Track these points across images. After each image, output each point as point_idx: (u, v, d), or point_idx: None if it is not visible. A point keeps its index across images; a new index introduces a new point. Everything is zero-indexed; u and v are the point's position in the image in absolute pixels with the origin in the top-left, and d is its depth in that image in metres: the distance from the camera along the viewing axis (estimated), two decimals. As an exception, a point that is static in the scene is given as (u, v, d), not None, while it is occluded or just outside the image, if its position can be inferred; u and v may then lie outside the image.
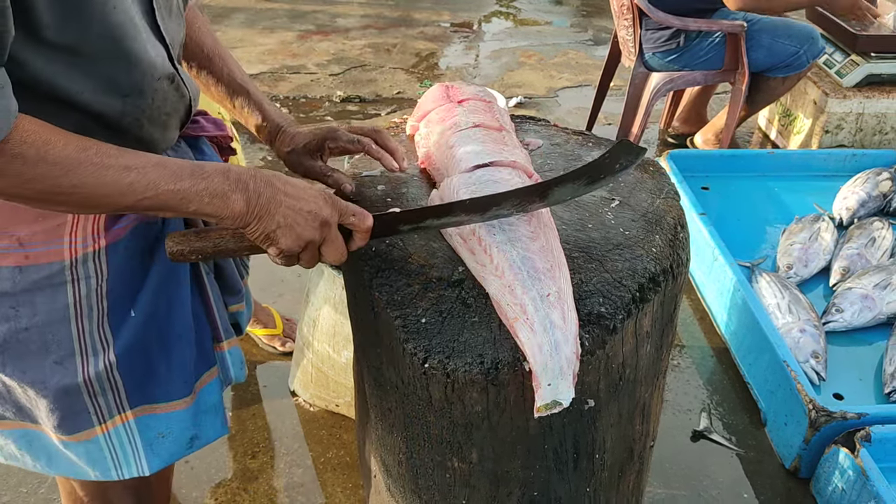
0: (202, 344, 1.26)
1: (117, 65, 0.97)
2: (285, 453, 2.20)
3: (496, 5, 6.26)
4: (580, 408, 1.13)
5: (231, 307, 1.37)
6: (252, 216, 1.01)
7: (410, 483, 1.29)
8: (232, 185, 0.99)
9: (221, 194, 0.98)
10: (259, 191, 1.01)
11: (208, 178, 0.98)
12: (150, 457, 1.25)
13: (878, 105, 3.64)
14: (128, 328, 1.14)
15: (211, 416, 1.31)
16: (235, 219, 1.01)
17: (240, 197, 0.99)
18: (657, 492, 2.10)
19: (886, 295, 2.51)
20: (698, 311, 2.82)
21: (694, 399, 2.43)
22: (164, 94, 1.07)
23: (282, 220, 1.02)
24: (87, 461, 1.22)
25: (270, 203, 1.01)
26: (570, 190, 1.17)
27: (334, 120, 4.20)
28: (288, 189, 1.04)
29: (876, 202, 3.07)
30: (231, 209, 0.99)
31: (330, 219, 1.06)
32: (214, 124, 1.31)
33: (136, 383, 1.18)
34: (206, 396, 1.29)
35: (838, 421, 2.03)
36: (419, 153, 1.45)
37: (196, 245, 1.06)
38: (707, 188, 3.27)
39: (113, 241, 1.10)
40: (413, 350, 1.08)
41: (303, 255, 1.08)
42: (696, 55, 3.34)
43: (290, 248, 1.05)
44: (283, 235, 1.03)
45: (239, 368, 1.35)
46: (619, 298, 1.12)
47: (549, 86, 4.74)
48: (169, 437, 1.25)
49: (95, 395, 1.15)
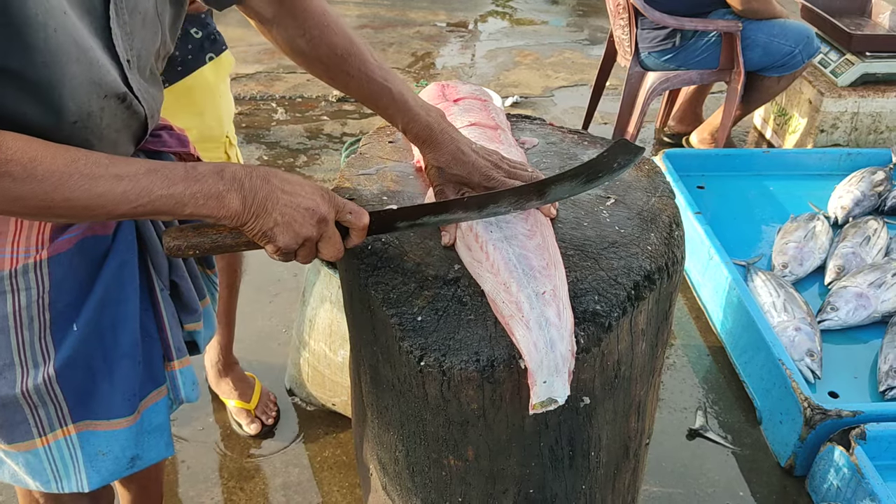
0: (151, 362, 1.22)
1: (62, 87, 0.93)
2: (282, 452, 2.20)
3: (492, 5, 6.27)
4: (575, 405, 1.14)
5: (187, 325, 1.33)
6: (249, 215, 1.00)
7: (407, 481, 1.29)
8: (227, 184, 0.98)
9: (216, 195, 0.97)
10: (255, 189, 1.00)
11: (202, 179, 0.97)
12: (91, 473, 1.21)
13: (873, 104, 3.65)
14: (69, 342, 1.11)
15: (155, 436, 1.26)
16: (232, 218, 1.00)
17: (235, 196, 0.98)
18: (653, 490, 2.10)
19: (881, 293, 2.52)
20: (694, 309, 2.82)
21: (690, 397, 2.44)
22: (113, 112, 1.03)
23: (279, 218, 1.01)
24: (27, 471, 1.20)
25: (267, 201, 1.00)
26: (567, 188, 1.18)
27: (330, 119, 4.20)
28: (285, 186, 1.03)
29: (871, 201, 3.08)
30: (227, 209, 0.98)
31: (327, 215, 1.05)
32: (178, 140, 1.27)
33: (78, 398, 1.15)
34: (151, 416, 1.25)
35: (833, 419, 2.04)
36: (415, 152, 1.45)
37: (193, 241, 1.06)
38: (703, 187, 3.28)
39: (55, 253, 1.07)
40: (409, 348, 1.08)
41: (300, 252, 1.07)
42: (692, 54, 3.34)
43: (288, 245, 1.04)
44: (280, 233, 1.02)
45: (190, 389, 1.30)
46: (614, 296, 1.12)
47: (545, 85, 4.74)
48: (109, 455, 1.21)
49: (35, 408, 1.13)
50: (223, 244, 1.07)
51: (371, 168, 1.44)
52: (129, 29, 1.01)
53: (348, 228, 1.09)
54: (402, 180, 1.40)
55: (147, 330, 1.21)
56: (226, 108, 1.95)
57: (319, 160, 3.80)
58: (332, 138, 4.01)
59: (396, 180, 1.40)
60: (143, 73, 1.08)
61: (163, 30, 1.10)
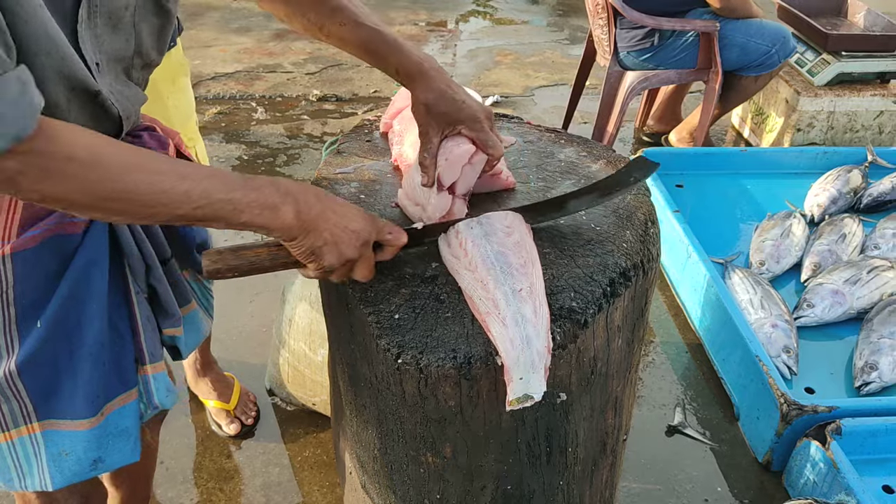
0: (119, 364, 1.20)
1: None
2: (262, 452, 2.19)
3: (473, 5, 6.27)
4: (552, 401, 1.15)
5: (166, 330, 1.31)
6: (301, 230, 1.01)
7: (385, 479, 1.29)
8: (282, 196, 0.99)
9: (272, 206, 0.98)
10: (310, 204, 1.01)
11: (259, 189, 0.98)
12: (54, 472, 1.20)
13: (848, 103, 3.69)
14: (33, 338, 1.11)
15: (121, 440, 1.23)
16: (285, 231, 1.00)
17: (290, 209, 0.99)
18: (632, 486, 2.12)
19: (856, 290, 2.55)
20: (672, 307, 2.84)
21: (668, 394, 2.46)
22: (82, 107, 1.02)
23: (328, 237, 1.03)
24: None
25: (319, 218, 1.02)
26: (586, 201, 1.25)
27: (311, 119, 4.19)
28: (335, 206, 1.04)
29: (846, 199, 3.12)
30: (281, 221, 0.99)
31: (370, 238, 1.08)
32: (158, 142, 1.26)
33: (42, 396, 1.15)
34: (117, 419, 1.22)
35: (809, 414, 2.06)
36: (393, 151, 1.45)
37: (232, 263, 1.07)
38: (681, 186, 3.30)
39: (21, 248, 1.07)
40: (386, 346, 1.08)
41: (338, 271, 1.08)
42: (670, 54, 3.37)
43: (332, 264, 1.05)
44: (328, 252, 1.04)
45: (164, 394, 1.28)
46: (590, 293, 1.13)
47: (525, 85, 4.76)
48: (72, 455, 1.19)
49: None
50: (261, 266, 1.08)
51: (349, 166, 1.44)
52: (98, 32, 1.00)
53: (380, 244, 1.11)
54: (379, 179, 1.41)
55: (119, 331, 1.19)
56: (178, 108, 1.88)
57: (300, 160, 3.79)
58: (313, 137, 4.00)
59: (374, 179, 1.41)
60: (116, 77, 1.07)
61: (137, 39, 1.09)
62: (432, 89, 1.24)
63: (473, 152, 1.23)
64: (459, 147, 1.23)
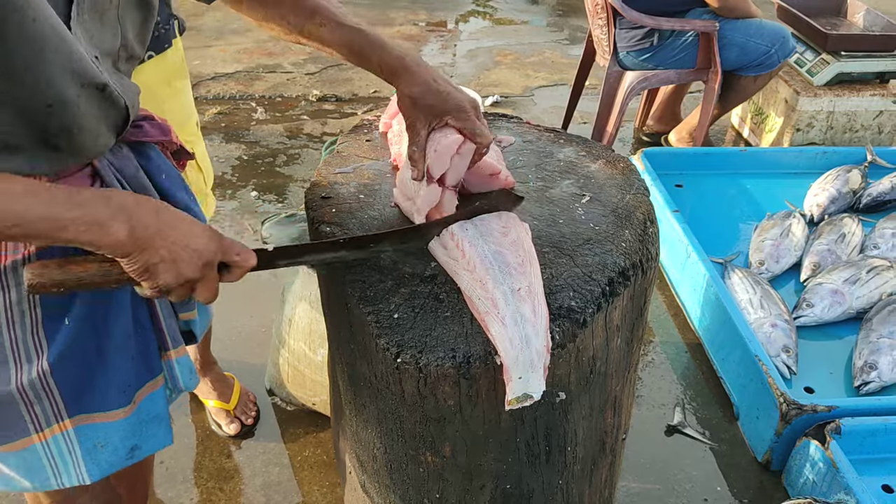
0: (146, 353, 1.22)
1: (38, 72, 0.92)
2: (262, 452, 2.20)
3: (472, 5, 6.27)
4: (551, 401, 1.15)
5: (182, 315, 1.32)
6: (134, 246, 0.96)
7: (385, 478, 1.30)
8: (113, 212, 0.94)
9: (99, 222, 0.92)
10: (145, 222, 0.96)
11: (85, 204, 0.92)
12: (90, 466, 1.20)
13: (848, 103, 3.69)
14: (62, 336, 1.10)
15: (154, 425, 1.26)
16: (115, 248, 0.95)
17: (122, 226, 0.94)
18: (631, 486, 2.12)
19: (856, 290, 2.55)
20: (672, 307, 2.84)
21: (668, 394, 2.46)
22: (91, 101, 1.01)
23: (166, 255, 0.98)
24: (24, 472, 1.19)
25: (156, 235, 0.97)
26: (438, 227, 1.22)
27: (310, 119, 4.19)
28: (175, 222, 1.00)
29: (846, 199, 3.12)
30: (111, 238, 0.94)
31: (213, 258, 1.03)
32: (159, 129, 1.26)
33: (74, 392, 1.15)
34: (148, 406, 1.24)
35: (809, 414, 2.06)
36: (392, 151, 1.45)
37: (57, 277, 0.98)
38: (681, 186, 3.30)
39: (44, 246, 1.06)
40: (386, 345, 1.08)
41: (175, 291, 1.03)
42: (670, 54, 3.37)
43: (168, 284, 1.00)
44: (164, 270, 0.98)
45: (188, 377, 1.30)
46: (589, 292, 1.13)
47: (525, 85, 4.76)
48: (108, 446, 1.21)
49: (31, 404, 1.12)
50: (90, 282, 1.00)
51: (348, 166, 1.44)
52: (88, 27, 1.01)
53: (227, 265, 1.07)
54: (378, 178, 1.41)
55: (141, 322, 1.20)
56: (174, 112, 1.85)
57: (299, 160, 3.79)
58: (313, 138, 4.00)
59: (373, 178, 1.41)
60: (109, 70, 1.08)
61: (123, 32, 1.09)
62: (417, 83, 1.23)
63: (462, 142, 1.23)
64: (447, 138, 1.22)
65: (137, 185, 1.17)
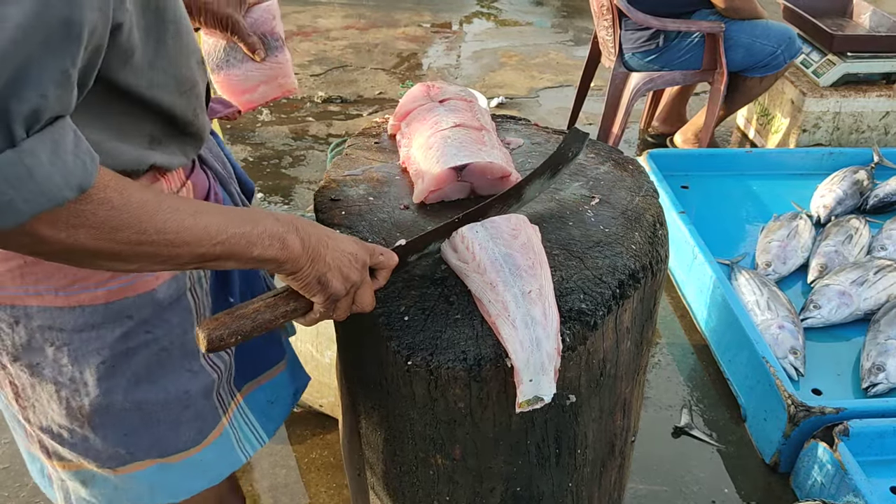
0: None
1: (181, 59, 0.96)
2: (269, 454, 2.20)
3: (477, 6, 6.28)
4: (561, 403, 1.15)
5: None
6: (307, 258, 0.97)
7: (394, 480, 1.29)
8: (285, 226, 0.95)
9: (279, 236, 0.94)
10: (308, 231, 0.98)
11: (262, 220, 0.93)
12: (266, 424, 1.29)
13: (854, 104, 3.68)
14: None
15: (298, 363, 1.40)
16: (294, 261, 0.96)
17: (295, 238, 0.96)
18: (639, 487, 2.12)
19: (863, 291, 2.55)
20: (679, 308, 2.84)
21: (675, 396, 2.45)
22: (200, 76, 1.04)
23: (331, 262, 1.00)
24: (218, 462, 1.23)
25: (319, 244, 0.99)
26: (538, 185, 1.29)
27: (315, 120, 4.19)
28: (328, 231, 1.02)
29: (853, 200, 3.11)
30: (290, 251, 0.95)
31: (367, 260, 1.05)
32: (221, 103, 1.31)
33: (246, 361, 1.23)
34: (291, 350, 1.37)
35: (817, 416, 2.06)
36: (401, 153, 1.45)
37: (234, 326, 0.98)
38: (687, 187, 3.30)
39: None
40: (396, 348, 1.08)
41: (342, 302, 1.04)
42: (675, 55, 3.36)
43: (338, 291, 1.01)
44: (333, 278, 1.00)
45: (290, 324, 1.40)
46: (599, 295, 1.13)
47: (530, 86, 4.76)
48: (278, 401, 1.31)
49: (220, 387, 1.19)
50: (263, 320, 1.00)
51: (357, 169, 1.44)
52: None
53: (374, 270, 1.09)
54: (387, 180, 1.41)
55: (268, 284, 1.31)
56: None
57: (305, 161, 3.80)
58: (318, 139, 4.01)
59: (382, 180, 1.41)
60: None
61: None
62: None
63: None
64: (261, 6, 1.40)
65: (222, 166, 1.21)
